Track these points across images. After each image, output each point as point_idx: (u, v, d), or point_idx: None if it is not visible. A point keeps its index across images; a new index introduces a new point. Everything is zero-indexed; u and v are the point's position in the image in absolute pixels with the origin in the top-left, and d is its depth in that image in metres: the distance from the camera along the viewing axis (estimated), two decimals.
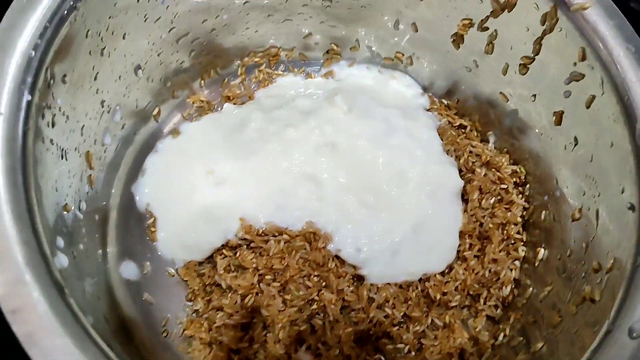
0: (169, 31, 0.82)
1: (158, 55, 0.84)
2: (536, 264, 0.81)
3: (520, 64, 0.81)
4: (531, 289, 0.80)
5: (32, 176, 0.56)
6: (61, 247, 0.61)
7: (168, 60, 0.87)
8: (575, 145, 0.75)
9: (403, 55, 0.96)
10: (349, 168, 0.86)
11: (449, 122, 0.96)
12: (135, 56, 0.79)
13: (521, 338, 0.75)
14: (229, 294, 0.82)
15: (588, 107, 0.71)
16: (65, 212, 0.67)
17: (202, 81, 0.96)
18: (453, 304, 0.83)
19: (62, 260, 0.59)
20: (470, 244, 0.87)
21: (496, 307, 0.84)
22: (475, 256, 0.86)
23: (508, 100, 0.87)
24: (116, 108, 0.81)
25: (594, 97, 0.70)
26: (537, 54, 0.78)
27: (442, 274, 0.85)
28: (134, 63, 0.80)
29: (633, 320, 0.55)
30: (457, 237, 0.87)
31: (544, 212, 0.83)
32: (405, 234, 0.83)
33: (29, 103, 0.58)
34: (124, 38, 0.74)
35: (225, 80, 0.98)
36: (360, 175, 0.87)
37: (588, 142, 0.73)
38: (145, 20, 0.76)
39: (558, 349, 0.64)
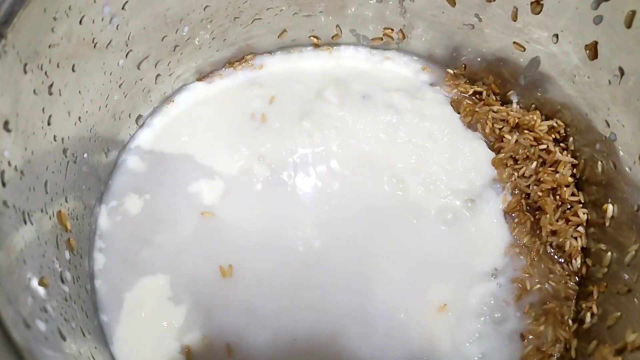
0: (126, 55, 0.70)
1: (119, 86, 0.72)
2: (606, 224, 0.69)
3: (531, 3, 0.70)
4: (609, 254, 0.67)
5: None
6: (43, 330, 0.48)
7: (132, 90, 0.75)
8: (622, 75, 0.64)
9: (392, 30, 0.85)
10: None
11: (461, 93, 0.84)
12: (93, 91, 0.67)
13: (619, 313, 0.62)
14: None
15: (629, 26, 0.60)
16: (42, 287, 0.54)
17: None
18: None
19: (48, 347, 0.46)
20: (518, 223, 0.75)
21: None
22: (529, 234, 0.75)
23: (525, 49, 0.75)
24: (83, 156, 0.69)
25: (634, 12, 0.59)
26: None
27: None
28: (93, 100, 0.68)
29: None
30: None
31: (599, 163, 0.70)
32: None
33: None
34: (73, 70, 0.62)
35: None
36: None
37: (638, 67, 0.61)
38: (94, 46, 0.64)
39: None
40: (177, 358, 0.68)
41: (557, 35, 0.70)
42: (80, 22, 0.60)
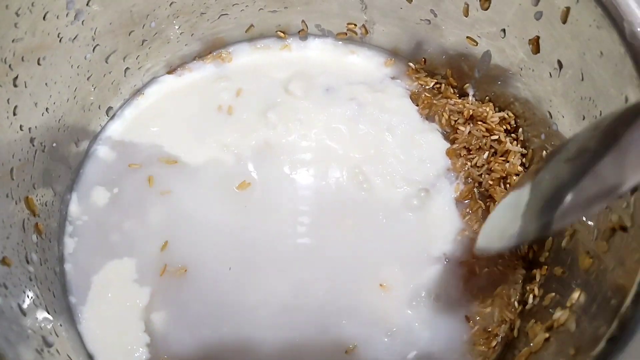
0: (93, 50, 0.74)
1: (88, 79, 0.75)
2: None
3: None
4: (550, 238, 0.71)
5: None
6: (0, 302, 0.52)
7: (101, 83, 0.78)
8: (561, 68, 0.67)
9: (355, 25, 0.88)
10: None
11: (421, 86, 0.88)
12: (60, 84, 0.71)
13: (553, 294, 0.65)
14: None
15: (564, 21, 0.63)
16: (4, 266, 0.57)
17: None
18: None
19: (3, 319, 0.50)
20: (469, 211, 0.79)
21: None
22: (479, 220, 0.78)
23: (477, 43, 0.79)
24: (52, 145, 0.72)
25: (568, 9, 0.62)
26: None
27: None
28: (61, 92, 0.71)
29: None
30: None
31: (544, 152, 0.74)
32: None
33: None
34: (39, 64, 0.66)
35: None
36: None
37: (574, 60, 0.64)
38: (60, 41, 0.68)
39: (600, 291, 0.55)
40: (141, 337, 0.72)
41: (504, 30, 0.73)
42: (44, 17, 0.64)
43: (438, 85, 0.87)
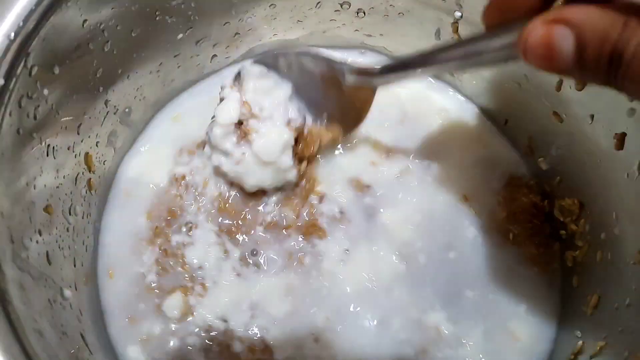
0: (186, 31, 0.77)
1: (175, 56, 0.79)
2: (589, 313, 0.68)
3: None
4: (580, 342, 0.67)
5: None
6: (28, 248, 0.56)
7: (186, 63, 0.81)
8: (639, 174, 0.63)
9: None
10: None
11: None
12: (147, 56, 0.74)
13: None
14: None
15: None
16: (45, 213, 0.61)
17: None
18: None
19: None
20: None
21: None
22: None
23: (562, 121, 0.75)
24: (125, 110, 0.76)
25: None
26: None
27: None
28: (145, 64, 0.75)
29: None
30: None
31: (599, 252, 0.70)
32: None
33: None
34: (131, 34, 0.69)
35: None
36: None
37: None
38: (156, 18, 0.71)
39: None
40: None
41: (592, 117, 0.69)
42: None
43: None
